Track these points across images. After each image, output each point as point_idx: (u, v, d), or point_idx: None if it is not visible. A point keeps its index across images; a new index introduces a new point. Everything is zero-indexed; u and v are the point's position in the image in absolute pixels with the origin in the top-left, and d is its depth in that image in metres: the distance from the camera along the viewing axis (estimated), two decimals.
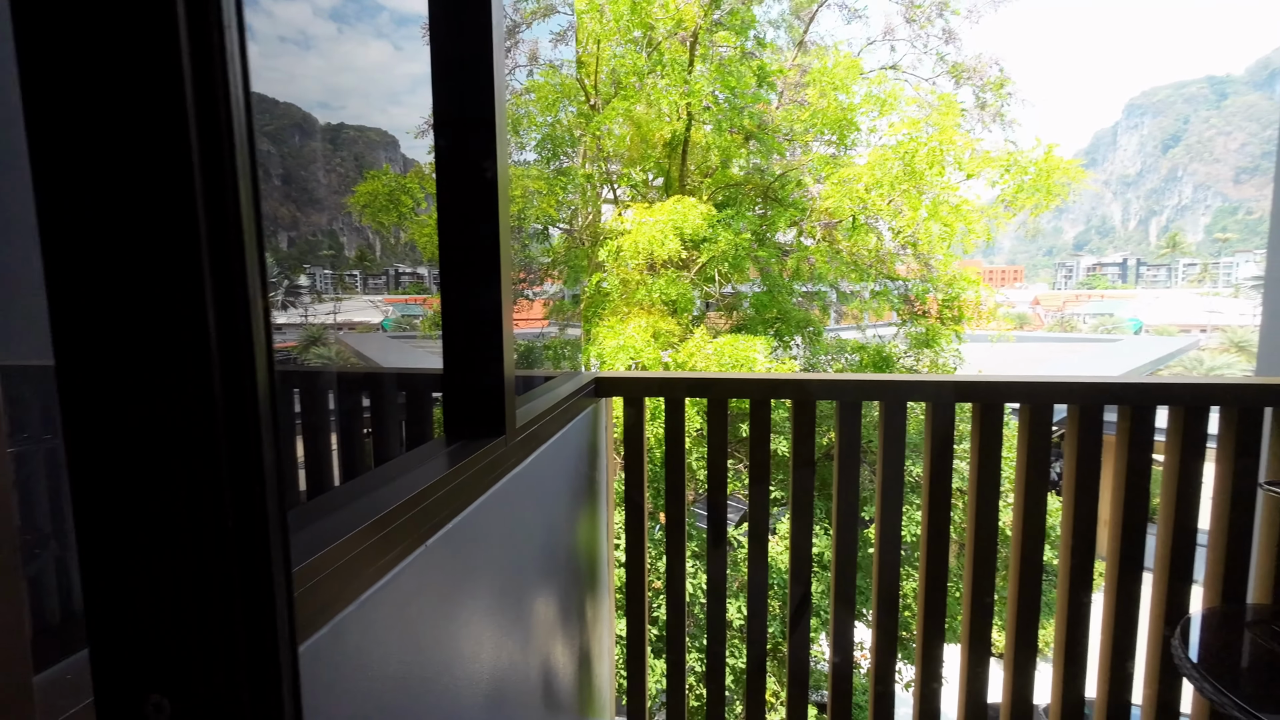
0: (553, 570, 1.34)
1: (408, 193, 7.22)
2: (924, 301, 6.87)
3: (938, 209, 5.13)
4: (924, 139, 5.02)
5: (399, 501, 0.72)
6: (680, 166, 8.97)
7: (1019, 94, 7.57)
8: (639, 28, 7.75)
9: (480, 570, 0.93)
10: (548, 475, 1.28)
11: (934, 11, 7.82)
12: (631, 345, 5.91)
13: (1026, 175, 4.89)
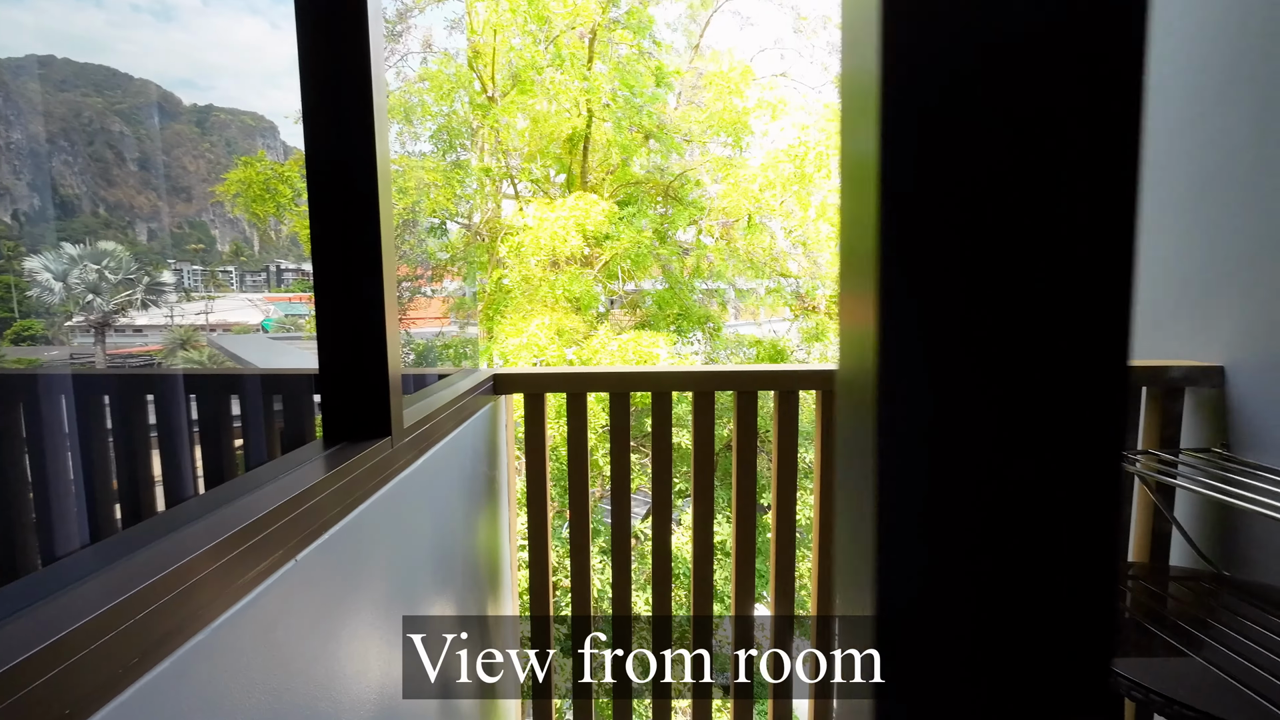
0: (449, 576, 1.28)
1: (286, 181, 6.67)
2: (814, 298, 7.26)
3: (825, 210, 5.45)
4: (812, 143, 5.30)
5: (264, 511, 0.64)
6: (582, 163, 8.92)
7: None
8: (536, 21, 7.62)
9: (365, 582, 0.86)
10: (442, 476, 1.22)
11: (819, 24, 8.27)
12: (535, 343, 5.80)
13: None
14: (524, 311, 6.93)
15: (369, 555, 0.87)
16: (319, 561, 0.74)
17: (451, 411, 1.24)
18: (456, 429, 1.28)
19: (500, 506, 1.77)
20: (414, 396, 1.19)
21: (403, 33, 7.93)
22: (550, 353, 5.82)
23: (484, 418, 1.55)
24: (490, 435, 1.64)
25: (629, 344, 5.90)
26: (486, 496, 1.61)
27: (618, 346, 5.97)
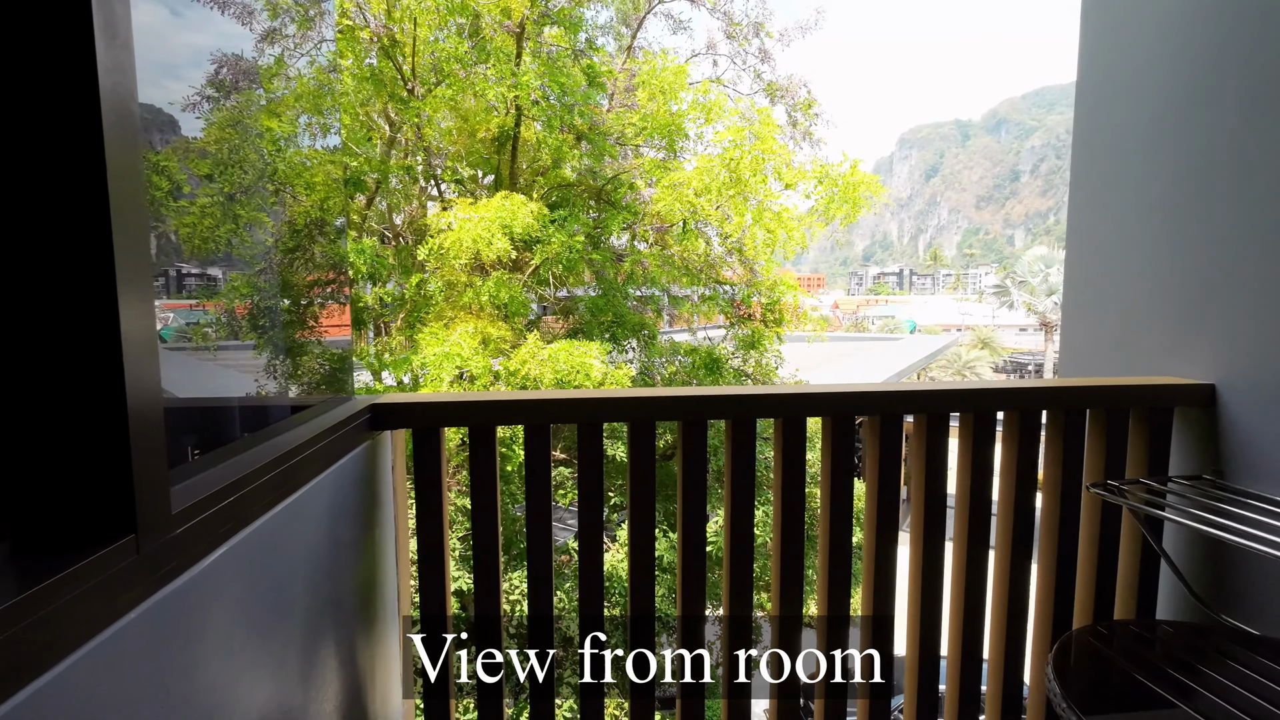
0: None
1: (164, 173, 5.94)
2: (749, 305, 7.16)
3: (761, 215, 5.32)
4: (747, 147, 5.16)
5: None
6: (510, 164, 8.51)
7: (825, 115, 8.23)
8: (462, 13, 7.18)
9: None
10: (266, 575, 0.84)
11: (750, 31, 8.23)
12: (458, 353, 5.36)
13: (836, 188, 5.27)
14: (447, 319, 6.46)
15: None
16: None
17: (291, 466, 0.88)
18: (300, 490, 0.92)
19: (384, 583, 1.39)
20: (215, 455, 0.81)
21: (316, 17, 7.30)
22: (474, 363, 5.40)
23: (354, 466, 1.18)
24: (365, 489, 1.26)
25: (560, 353, 5.56)
26: (356, 576, 1.23)
27: (548, 356, 5.62)
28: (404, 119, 7.72)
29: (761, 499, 6.44)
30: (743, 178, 5.32)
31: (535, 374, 5.56)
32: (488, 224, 5.47)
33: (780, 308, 6.98)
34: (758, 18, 8.10)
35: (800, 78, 8.29)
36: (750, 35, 8.36)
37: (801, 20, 8.50)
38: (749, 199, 5.52)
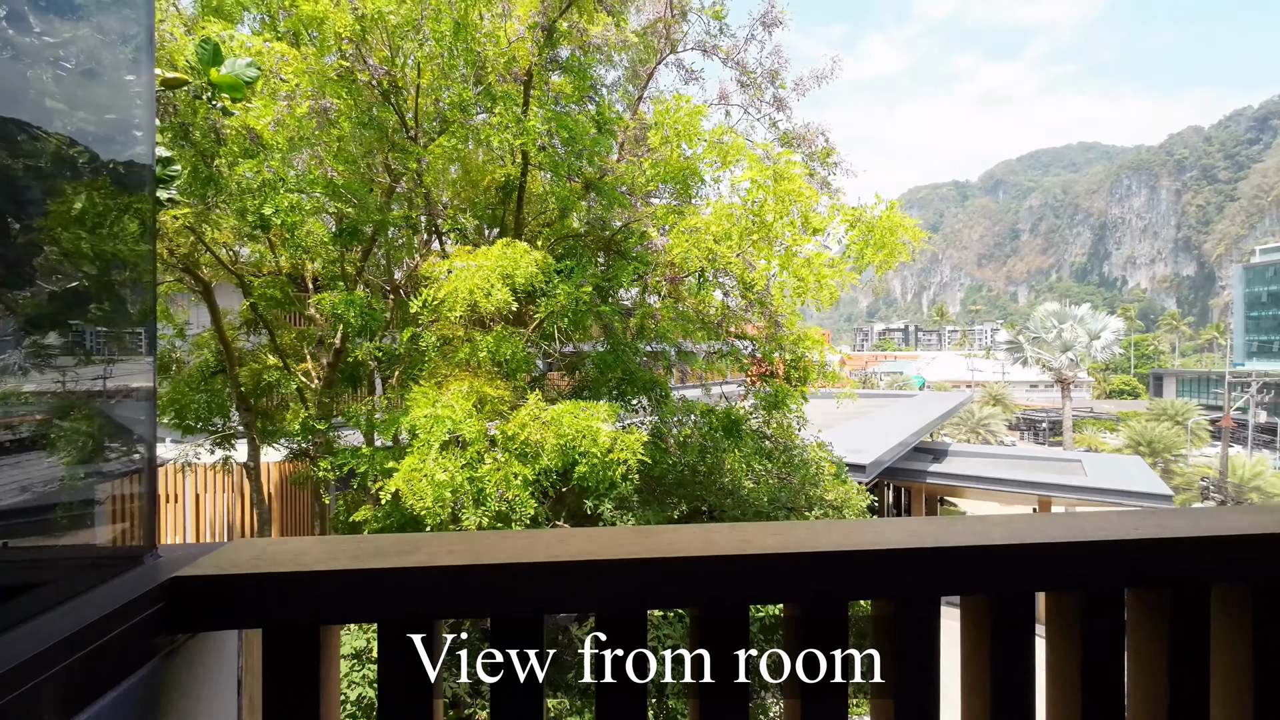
0: None
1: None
2: (771, 362, 6.58)
3: (790, 261, 4.81)
4: (772, 187, 4.71)
5: None
6: (516, 214, 8.14)
7: (844, 164, 7.87)
8: (466, 59, 6.95)
9: None
10: None
11: (765, 79, 7.99)
12: (449, 415, 4.76)
13: (870, 232, 4.78)
14: (441, 376, 5.89)
15: None
16: None
17: None
18: None
19: None
20: None
21: None
22: (467, 428, 4.78)
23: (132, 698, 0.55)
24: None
25: (564, 414, 4.95)
26: None
27: (550, 418, 5.00)
28: (405, 168, 7.41)
29: None
30: (767, 220, 4.85)
31: (536, 439, 4.94)
32: (486, 273, 4.97)
33: (805, 365, 6.40)
34: (773, 65, 7.87)
35: (818, 126, 7.99)
36: (765, 84, 8.12)
37: (817, 69, 8.27)
38: (775, 244, 5.04)
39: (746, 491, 7.25)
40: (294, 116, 5.25)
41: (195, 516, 13.38)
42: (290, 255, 7.48)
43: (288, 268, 8.35)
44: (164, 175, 3.66)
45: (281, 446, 8.94)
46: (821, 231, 5.00)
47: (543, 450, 4.94)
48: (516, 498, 4.91)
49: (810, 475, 7.71)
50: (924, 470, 20.14)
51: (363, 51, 6.01)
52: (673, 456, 7.31)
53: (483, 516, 4.95)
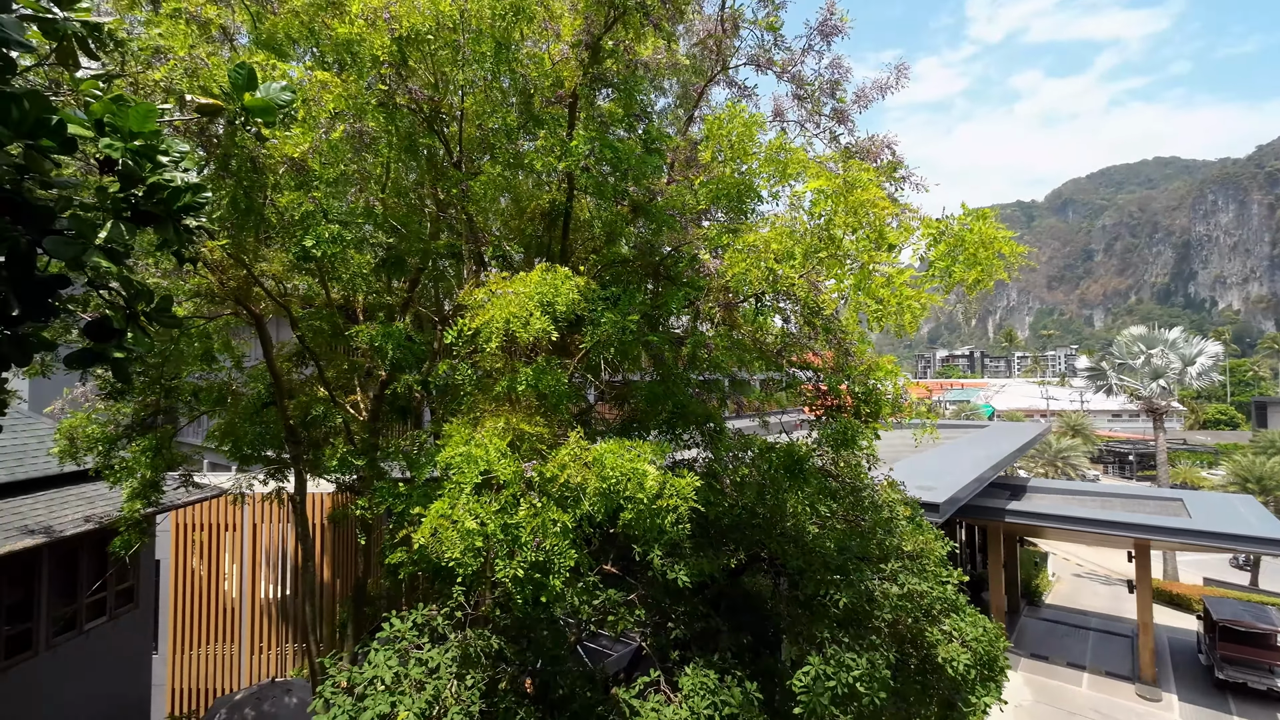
0: None
1: None
2: (838, 394, 5.92)
3: (865, 280, 4.22)
4: (841, 197, 4.16)
5: None
6: (562, 241, 7.84)
7: (914, 179, 7.23)
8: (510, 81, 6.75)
9: None
10: None
11: (824, 92, 7.48)
12: (481, 455, 4.34)
13: (959, 246, 4.15)
14: (479, 412, 5.51)
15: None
16: None
17: None
18: None
19: None
20: None
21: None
22: (501, 468, 4.35)
23: None
24: None
25: (606, 455, 4.45)
26: None
27: (593, 458, 4.52)
28: (449, 198, 7.23)
29: None
30: (836, 235, 4.29)
31: (577, 481, 4.46)
32: (524, 301, 4.59)
33: (877, 398, 5.73)
34: (832, 77, 7.36)
35: (884, 138, 7.40)
36: (824, 97, 7.61)
37: (880, 80, 7.70)
38: (846, 262, 4.46)
39: (811, 538, 6.53)
40: (329, 143, 5.09)
41: (253, 545, 13.53)
42: (340, 287, 7.38)
43: (338, 299, 8.29)
44: (193, 202, 3.42)
45: (330, 479, 8.81)
46: (898, 247, 4.39)
47: (584, 494, 4.45)
48: (554, 547, 4.42)
49: (883, 520, 6.91)
50: (1001, 508, 18.55)
51: (403, 75, 5.86)
52: (729, 498, 6.68)
53: (518, 567, 4.48)
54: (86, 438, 7.80)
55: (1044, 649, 19.27)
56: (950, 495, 13.27)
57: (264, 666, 12.93)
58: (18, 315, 3.15)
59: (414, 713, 4.41)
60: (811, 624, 6.05)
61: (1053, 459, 44.43)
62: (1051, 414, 69.55)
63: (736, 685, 5.65)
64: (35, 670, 8.21)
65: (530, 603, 4.90)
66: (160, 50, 5.36)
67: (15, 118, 2.62)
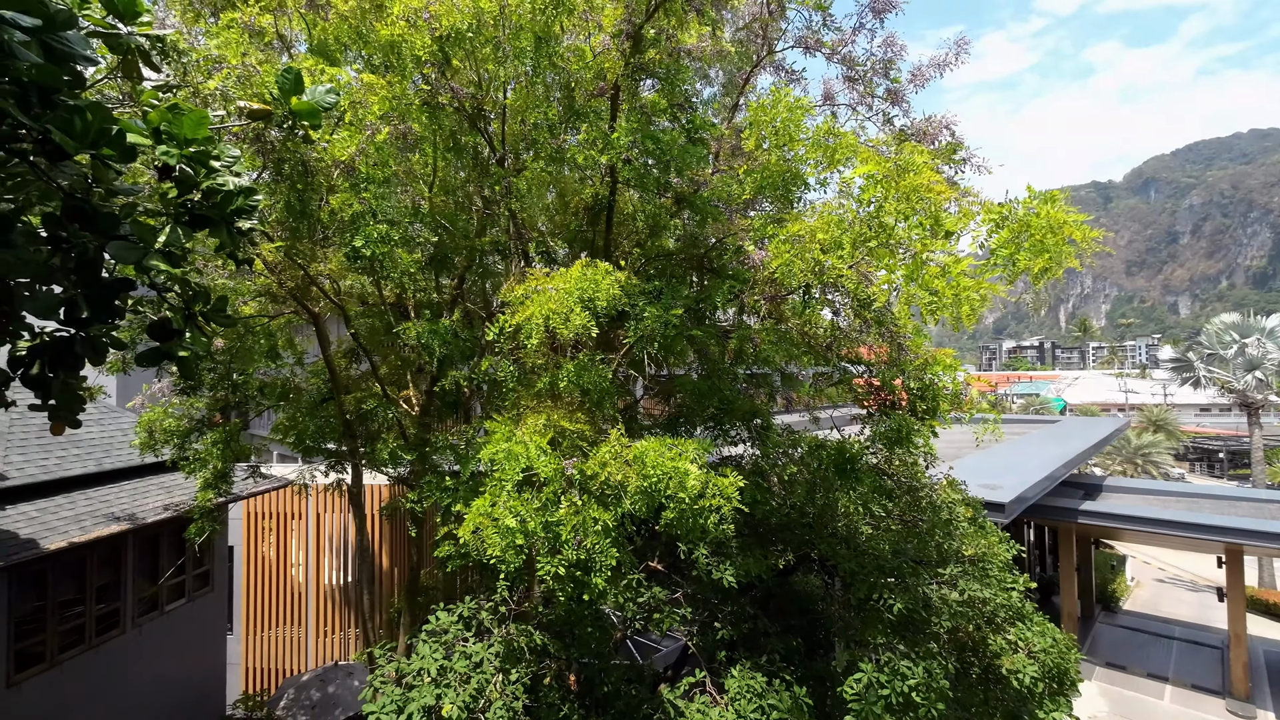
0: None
1: None
2: (892, 390, 5.64)
3: (918, 271, 3.96)
4: (893, 183, 3.90)
5: None
6: (605, 235, 7.78)
7: (975, 160, 6.81)
8: (553, 78, 6.72)
9: None
10: None
11: (878, 71, 7.13)
12: (521, 452, 4.33)
13: (1025, 232, 3.82)
14: (521, 408, 5.53)
15: None
16: None
17: None
18: None
19: None
20: None
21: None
22: (542, 466, 4.33)
23: None
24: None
25: (648, 453, 4.37)
26: None
27: (634, 456, 4.44)
28: (494, 195, 7.28)
29: None
30: (887, 223, 4.04)
31: (618, 479, 4.39)
32: (564, 297, 4.55)
33: (934, 393, 5.42)
34: (886, 56, 7.01)
35: (941, 118, 6.99)
36: (876, 77, 7.26)
37: (937, 57, 7.27)
38: (898, 251, 4.20)
39: (864, 539, 6.27)
40: (374, 144, 5.17)
41: (317, 534, 14.16)
42: (391, 285, 7.57)
43: (390, 297, 8.51)
44: (245, 205, 3.51)
45: (384, 472, 9.08)
46: (955, 234, 4.10)
47: (625, 493, 4.39)
48: (595, 545, 4.37)
49: (942, 521, 6.57)
50: (1073, 508, 17.49)
51: (446, 74, 5.90)
52: (776, 497, 6.50)
53: (559, 565, 4.46)
54: (164, 431, 8.29)
55: (1121, 658, 18.12)
56: (1017, 494, 12.58)
57: (329, 649, 13.54)
58: (87, 317, 3.30)
59: (458, 705, 4.48)
60: (864, 629, 5.82)
61: (1132, 456, 41.67)
62: (1130, 408, 65.25)
63: (785, 689, 5.49)
64: (123, 647, 8.81)
65: (573, 600, 4.88)
66: (218, 60, 5.57)
67: (79, 129, 2.73)
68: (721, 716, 5.22)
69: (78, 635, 8.16)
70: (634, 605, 5.98)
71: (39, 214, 3.14)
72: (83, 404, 3.93)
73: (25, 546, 6.87)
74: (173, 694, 9.85)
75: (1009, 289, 4.21)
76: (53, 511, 7.73)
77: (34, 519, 7.41)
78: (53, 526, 7.43)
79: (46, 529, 7.33)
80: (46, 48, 2.62)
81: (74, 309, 3.11)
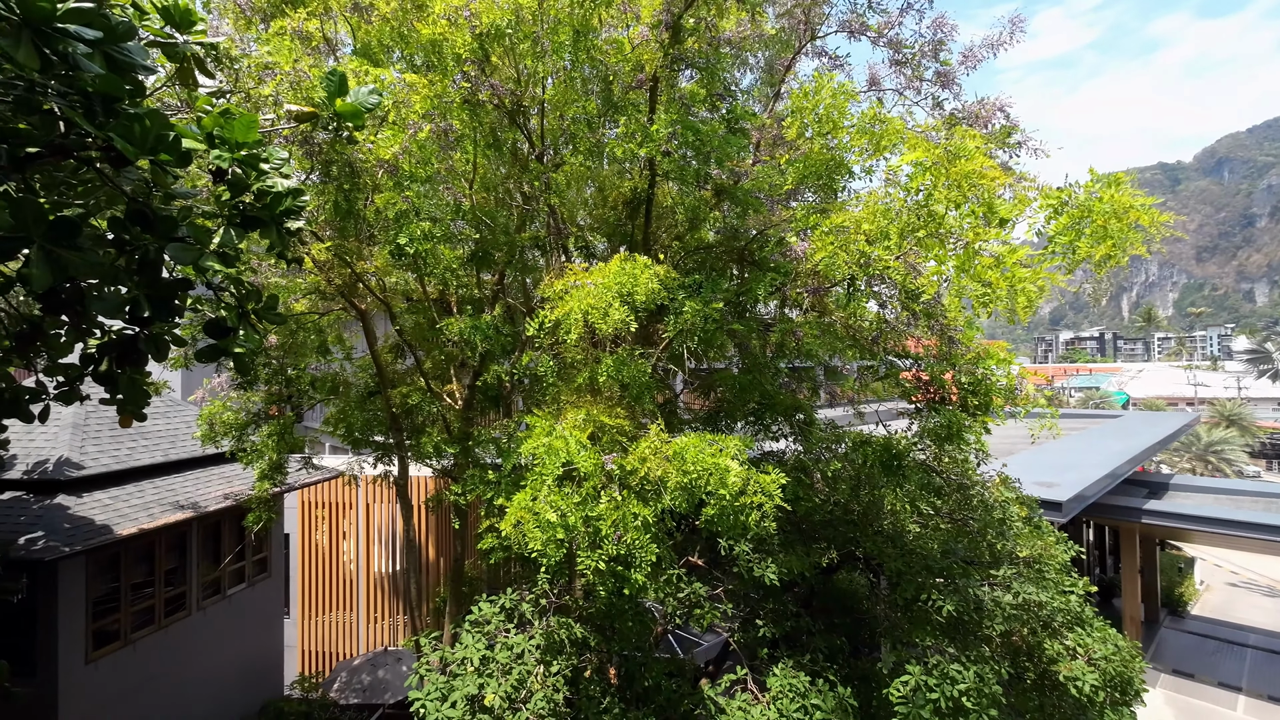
0: None
1: None
2: (942, 385, 5.44)
3: (970, 261, 3.77)
4: (943, 169, 3.73)
5: None
6: (645, 228, 7.74)
7: (1032, 144, 6.48)
8: (592, 67, 6.70)
9: None
10: None
11: (928, 52, 6.85)
12: (561, 447, 4.35)
13: (1085, 218, 3.59)
14: (562, 403, 5.55)
15: None
16: None
17: None
18: None
19: None
20: None
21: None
22: (582, 460, 4.34)
23: None
24: None
25: (688, 449, 4.33)
26: None
27: (673, 452, 4.41)
28: (534, 190, 7.32)
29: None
30: (937, 212, 3.87)
31: (657, 475, 4.37)
32: (602, 292, 4.53)
33: (987, 389, 5.20)
34: (936, 37, 6.73)
35: (995, 101, 6.68)
36: (925, 60, 6.98)
37: (990, 37, 6.95)
38: (948, 241, 4.02)
39: (912, 538, 6.09)
40: (416, 142, 5.25)
41: (366, 523, 14.64)
42: (434, 281, 7.71)
43: (434, 294, 8.68)
44: (293, 206, 3.61)
45: (429, 464, 9.29)
46: (1010, 222, 3.90)
47: (664, 488, 4.36)
48: (635, 540, 4.36)
49: (994, 520, 6.32)
50: (1137, 508, 16.64)
51: (485, 71, 5.95)
52: (820, 494, 6.36)
53: (599, 560, 4.47)
54: (223, 424, 8.67)
55: (1189, 665, 17.19)
56: (1076, 492, 12.03)
57: (378, 635, 13.99)
58: (149, 316, 3.45)
59: (500, 695, 4.55)
60: (912, 630, 5.65)
61: (1202, 453, 39.40)
62: (1200, 402, 61.65)
63: (829, 689, 5.39)
64: (189, 628, 9.31)
65: (613, 594, 4.90)
66: (269, 66, 5.74)
67: (139, 135, 2.84)
68: (763, 715, 5.16)
69: (148, 616, 8.64)
70: (674, 600, 5.96)
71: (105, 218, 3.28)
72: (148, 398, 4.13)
73: (101, 532, 7.30)
74: (234, 673, 10.35)
75: (1068, 278, 3.99)
76: (124, 499, 8.19)
77: (107, 506, 7.87)
78: (124, 514, 7.87)
79: (119, 515, 7.78)
80: (109, 59, 2.73)
81: (137, 308, 3.25)
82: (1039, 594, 5.72)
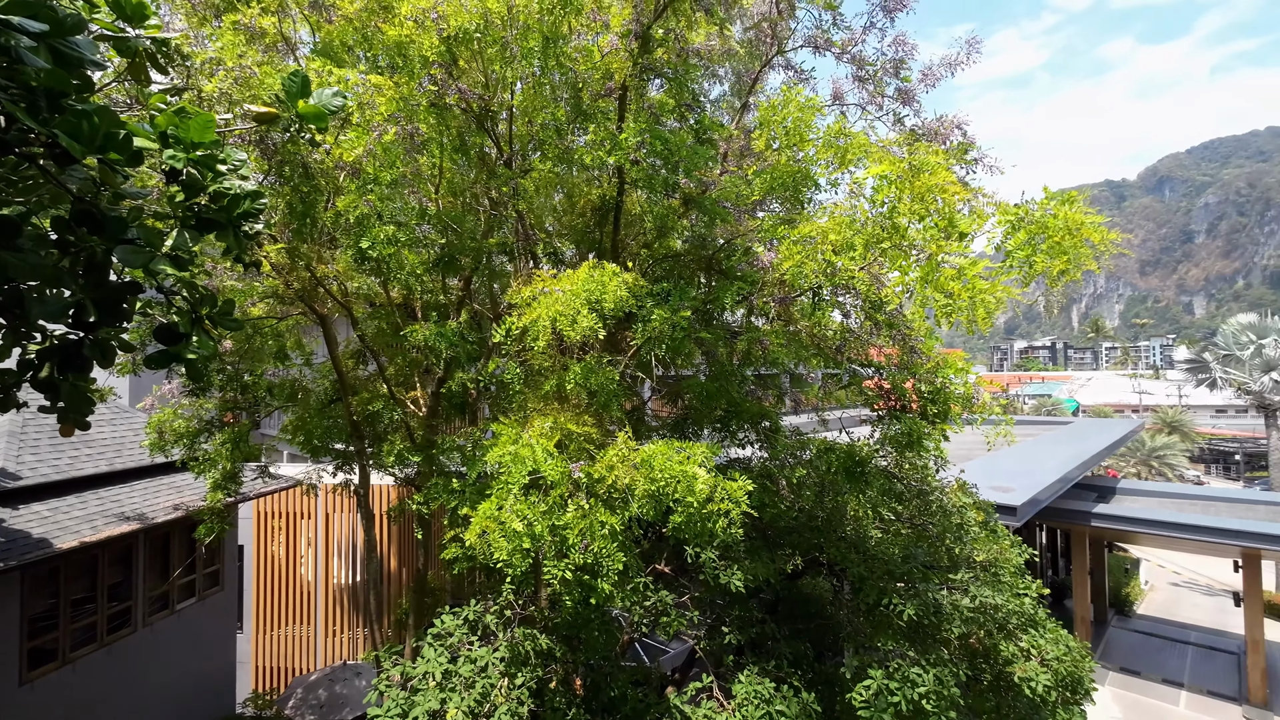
0: None
1: None
2: (903, 393, 5.57)
3: (933, 272, 3.89)
4: (907, 181, 3.84)
5: None
6: (613, 236, 7.75)
7: (988, 161, 6.71)
8: (561, 78, 6.69)
9: None
10: None
11: (887, 72, 7.05)
12: (528, 455, 4.31)
13: (1041, 234, 3.74)
14: (528, 410, 5.50)
15: None
16: None
17: None
18: None
19: None
20: None
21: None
22: (549, 469, 4.30)
23: None
24: None
25: (655, 457, 4.33)
26: None
27: (641, 460, 4.41)
28: (502, 196, 7.26)
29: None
30: (900, 224, 3.98)
31: (625, 483, 4.36)
32: (570, 299, 4.52)
33: (945, 397, 5.35)
34: (896, 55, 6.93)
35: (953, 118, 6.90)
36: (887, 77, 7.18)
37: (949, 56, 7.19)
38: (911, 252, 4.13)
39: (874, 543, 6.20)
40: (381, 145, 5.16)
41: (326, 534, 14.23)
42: (398, 286, 7.56)
43: (398, 299, 8.51)
44: (251, 209, 3.50)
45: (391, 473, 9.08)
46: (970, 235, 4.03)
47: (632, 496, 4.35)
48: (603, 549, 4.34)
49: (953, 525, 6.49)
50: (1087, 511, 17.30)
51: (453, 75, 5.89)
52: (785, 500, 6.44)
53: (566, 569, 4.43)
54: (173, 432, 8.33)
55: (1135, 663, 17.90)
56: (1029, 497, 12.45)
57: (337, 649, 13.59)
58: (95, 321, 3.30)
59: (463, 710, 4.46)
60: (874, 634, 5.75)
61: (1146, 458, 41.18)
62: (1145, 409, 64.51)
63: (793, 695, 5.44)
64: (135, 645, 8.88)
65: (580, 603, 4.86)
66: (217, 62, 5.57)
67: (87, 133, 2.72)
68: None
69: (90, 634, 8.22)
70: (641, 609, 5.94)
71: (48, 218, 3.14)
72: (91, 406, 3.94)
73: (38, 546, 6.92)
74: (184, 692, 9.92)
75: (1024, 291, 4.14)
76: (65, 511, 7.79)
77: (46, 518, 7.47)
78: (65, 526, 7.48)
79: (59, 528, 7.39)
80: (55, 52, 2.62)
81: (82, 312, 3.11)
82: (995, 597, 5.88)
